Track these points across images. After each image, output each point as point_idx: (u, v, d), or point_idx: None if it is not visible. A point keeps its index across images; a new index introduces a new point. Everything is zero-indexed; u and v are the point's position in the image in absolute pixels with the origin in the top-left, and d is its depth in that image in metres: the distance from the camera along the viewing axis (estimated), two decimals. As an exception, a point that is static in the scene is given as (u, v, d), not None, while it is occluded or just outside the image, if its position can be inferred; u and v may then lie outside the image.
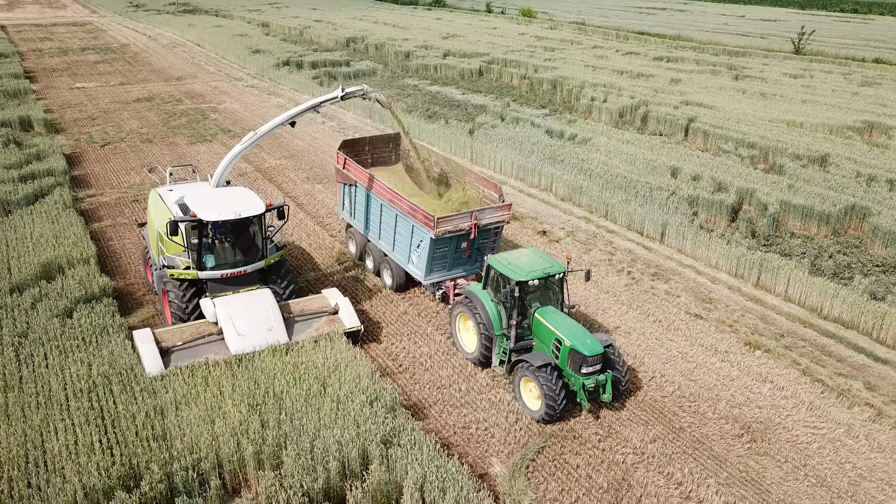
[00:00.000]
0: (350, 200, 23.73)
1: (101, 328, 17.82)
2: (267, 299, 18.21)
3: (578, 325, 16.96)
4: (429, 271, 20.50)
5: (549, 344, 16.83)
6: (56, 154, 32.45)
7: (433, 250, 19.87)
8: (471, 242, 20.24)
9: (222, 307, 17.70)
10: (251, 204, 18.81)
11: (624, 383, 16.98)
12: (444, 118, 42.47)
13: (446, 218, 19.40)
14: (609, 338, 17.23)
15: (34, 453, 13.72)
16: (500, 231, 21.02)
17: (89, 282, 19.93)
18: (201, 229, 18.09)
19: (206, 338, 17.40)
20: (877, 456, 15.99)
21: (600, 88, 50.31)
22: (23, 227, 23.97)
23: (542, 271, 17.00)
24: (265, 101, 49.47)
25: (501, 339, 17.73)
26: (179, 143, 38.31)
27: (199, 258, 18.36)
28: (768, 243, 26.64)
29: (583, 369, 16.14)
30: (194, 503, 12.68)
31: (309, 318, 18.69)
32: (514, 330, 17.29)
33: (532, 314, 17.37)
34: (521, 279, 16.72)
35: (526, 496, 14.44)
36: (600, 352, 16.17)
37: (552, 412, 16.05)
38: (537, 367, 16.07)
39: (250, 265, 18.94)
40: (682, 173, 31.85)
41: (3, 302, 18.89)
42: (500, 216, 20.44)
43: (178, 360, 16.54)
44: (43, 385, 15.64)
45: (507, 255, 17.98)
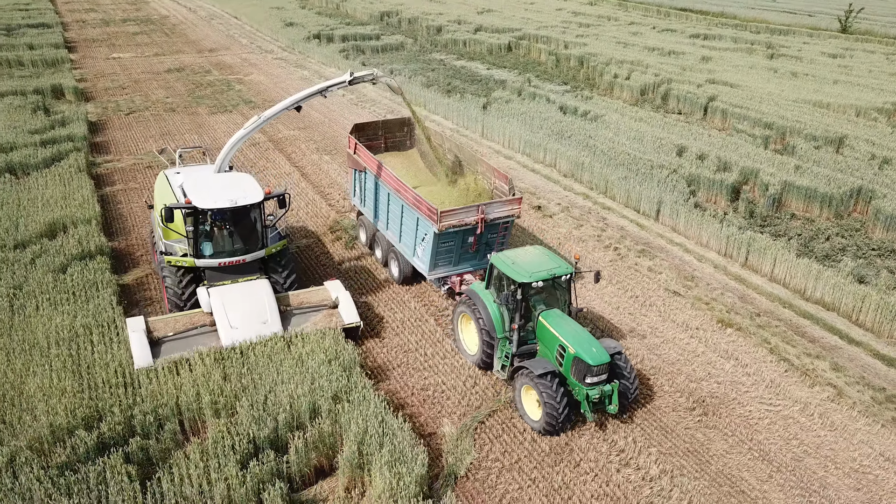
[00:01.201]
0: (360, 187, 22.96)
1: (92, 283, 18.96)
2: (264, 290, 17.66)
3: (585, 331, 15.84)
4: (433, 266, 19.61)
5: (553, 350, 15.79)
6: (79, 121, 33.90)
7: (437, 245, 18.92)
8: (478, 237, 19.29)
9: (217, 297, 17.21)
10: (249, 191, 18.17)
11: (632, 394, 15.85)
12: (462, 92, 42.70)
13: (451, 212, 18.40)
14: (617, 345, 16.09)
15: (11, 393, 14.90)
16: (509, 226, 19.89)
17: (87, 241, 21.11)
18: (197, 216, 17.56)
19: (199, 329, 16.97)
20: (827, 434, 16.11)
21: (626, 66, 49.78)
22: (36, 188, 25.35)
23: (548, 272, 15.92)
24: (291, 73, 50.38)
25: (504, 343, 16.76)
26: (201, 112, 39.50)
27: (196, 246, 17.86)
28: (765, 224, 26.43)
29: (587, 379, 15.15)
30: (148, 444, 13.65)
31: (307, 311, 18.09)
32: (517, 334, 16.31)
33: (536, 317, 16.32)
34: (524, 280, 15.68)
35: (469, 455, 15.07)
36: (606, 361, 15.14)
37: (553, 423, 15.09)
38: (538, 375, 15.08)
39: (249, 254, 18.33)
40: (689, 152, 31.61)
41: (6, 256, 20.19)
42: (509, 210, 19.31)
43: (169, 351, 16.23)
44: (30, 333, 16.84)
45: (512, 254, 16.90)
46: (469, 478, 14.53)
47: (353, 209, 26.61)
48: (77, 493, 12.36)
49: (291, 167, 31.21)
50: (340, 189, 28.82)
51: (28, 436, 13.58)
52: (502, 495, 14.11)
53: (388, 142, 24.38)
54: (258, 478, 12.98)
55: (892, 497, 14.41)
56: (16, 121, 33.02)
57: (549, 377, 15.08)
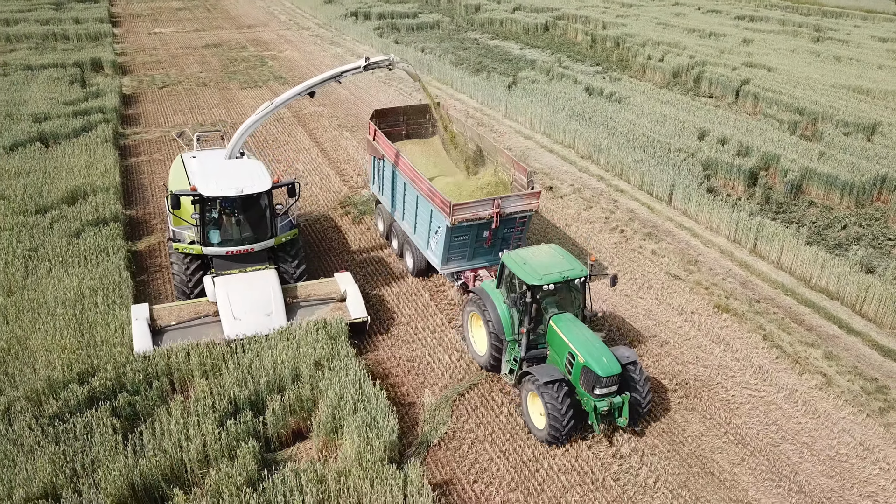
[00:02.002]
0: (379, 175, 22.30)
1: (103, 249, 19.87)
2: (270, 281, 17.32)
3: (596, 339, 15.00)
4: (445, 260, 18.93)
5: (563, 357, 15.01)
6: (111, 94, 35.09)
7: (450, 238, 18.21)
8: (493, 232, 18.51)
9: (222, 287, 16.92)
10: (257, 180, 17.83)
11: (644, 406, 15.03)
12: (490, 72, 42.63)
13: (464, 205, 17.70)
14: (632, 354, 15.22)
15: (16, 348, 15.85)
16: (527, 221, 19.00)
17: (103, 208, 22.07)
18: (203, 204, 17.33)
19: (203, 318, 16.72)
20: (809, 421, 16.01)
21: (662, 47, 48.97)
22: (63, 156, 26.48)
23: (560, 275, 15.12)
24: (325, 50, 50.98)
25: (513, 346, 16.09)
26: (231, 88, 40.40)
27: (204, 233, 17.57)
28: (780, 210, 25.97)
29: (595, 390, 14.40)
30: (135, 400, 14.41)
31: (314, 304, 17.69)
32: (526, 337, 15.48)
33: (547, 321, 15.55)
34: (534, 283, 14.93)
35: (444, 425, 15.49)
36: (617, 372, 14.37)
37: (556, 433, 14.41)
38: (544, 383, 14.36)
39: (258, 243, 17.96)
40: (710, 136, 31.12)
41: (26, 221, 21.25)
42: (526, 205, 18.46)
43: (171, 340, 16.01)
44: (40, 293, 17.81)
45: (524, 253, 16.09)
46: (441, 446, 14.95)
47: (365, 186, 27.08)
48: (63, 442, 13.18)
49: (311, 142, 31.81)
50: (356, 165, 29.28)
51: (26, 387, 14.48)
52: (471, 465, 14.49)
53: (409, 128, 23.67)
54: (234, 436, 13.62)
55: (864, 485, 14.32)
56: (53, 92, 34.39)
57: (555, 386, 14.36)
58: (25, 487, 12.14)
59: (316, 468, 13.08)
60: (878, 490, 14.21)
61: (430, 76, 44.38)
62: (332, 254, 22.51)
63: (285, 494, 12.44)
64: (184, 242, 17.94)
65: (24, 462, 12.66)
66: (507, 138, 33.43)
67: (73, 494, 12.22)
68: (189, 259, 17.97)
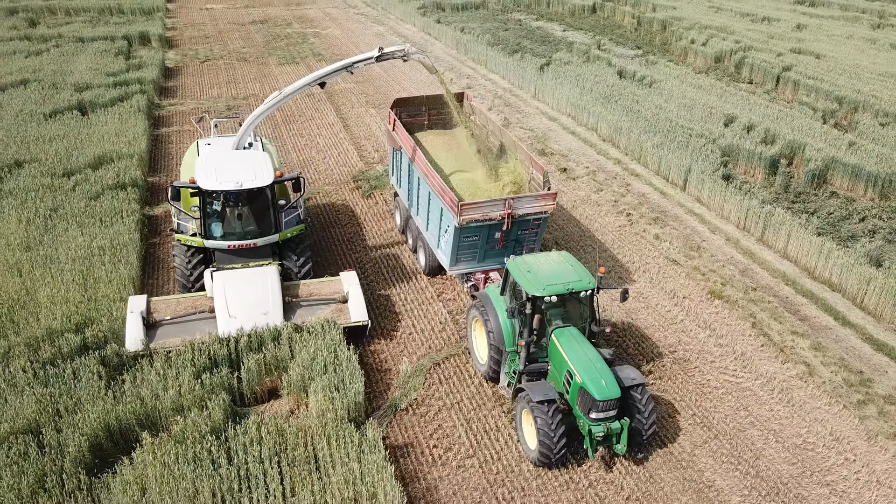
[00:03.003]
0: (397, 167, 21.58)
1: (118, 211, 21.03)
2: (270, 279, 16.79)
3: (598, 358, 13.90)
4: (454, 261, 18.04)
5: (562, 375, 14.09)
6: (153, 66, 36.54)
7: (459, 239, 17.32)
8: (505, 234, 17.53)
9: (220, 282, 16.49)
10: (259, 174, 17.20)
11: (646, 434, 13.88)
12: (526, 53, 42.49)
13: (473, 205, 16.81)
14: (638, 376, 14.13)
15: (25, 299, 17.09)
16: (542, 223, 17.88)
17: (125, 174, 23.27)
18: (203, 196, 16.93)
19: (198, 314, 16.34)
20: (781, 409, 15.93)
21: (708, 31, 47.86)
22: (97, 124, 27.88)
23: (564, 286, 14.14)
24: (367, 28, 51.61)
25: (513, 357, 15.22)
26: (270, 63, 41.46)
27: (205, 226, 17.14)
28: (797, 200, 25.40)
29: (592, 413, 13.44)
30: (121, 350, 15.41)
31: (315, 303, 17.07)
32: (525, 350, 14.49)
33: (550, 334, 14.59)
34: (536, 293, 13.98)
35: (416, 391, 16.04)
36: (615, 396, 13.33)
37: (547, 456, 13.58)
38: (537, 402, 13.49)
39: (261, 238, 17.43)
40: (737, 122, 30.48)
41: (52, 183, 22.60)
42: (541, 206, 17.40)
43: (165, 336, 15.78)
44: (53, 249, 19.03)
45: (531, 260, 15.14)
46: (409, 411, 15.51)
47: (379, 162, 27.66)
48: (52, 385, 14.26)
49: (337, 118, 32.53)
50: (375, 141, 29.86)
51: (26, 334, 15.67)
52: (435, 430, 15.01)
53: (432, 118, 22.49)
54: (208, 388, 14.46)
55: (825, 474, 14.24)
56: (98, 63, 36.04)
57: (548, 405, 13.46)
58: (11, 423, 13.23)
59: (277, 423, 13.81)
60: (838, 479, 14.13)
61: (466, 56, 44.58)
62: (338, 225, 23.22)
63: (244, 444, 13.20)
64: (186, 234, 17.57)
65: (14, 400, 13.78)
66: (532, 119, 33.47)
67: (53, 431, 13.26)
68: (191, 252, 17.60)
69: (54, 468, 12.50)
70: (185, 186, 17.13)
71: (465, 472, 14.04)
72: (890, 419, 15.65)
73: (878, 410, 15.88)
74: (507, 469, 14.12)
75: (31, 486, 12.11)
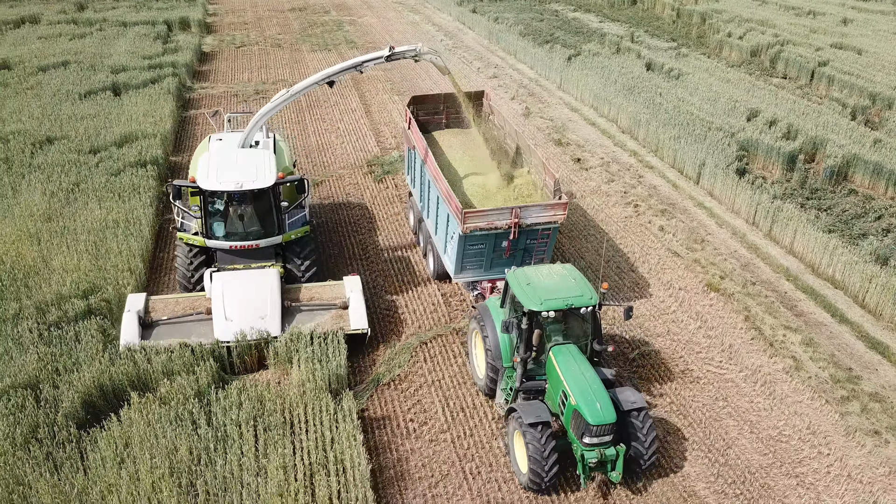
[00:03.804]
0: (411, 166, 21.10)
1: (136, 187, 22.05)
2: (270, 282, 16.45)
3: (596, 379, 13.17)
4: (459, 269, 17.42)
5: (557, 395, 13.42)
6: (187, 50, 37.76)
7: (464, 246, 16.76)
8: (513, 243, 16.86)
9: (219, 284, 16.23)
10: (261, 174, 16.85)
11: (646, 462, 13.22)
12: (556, 43, 42.42)
13: (477, 213, 16.30)
14: (639, 399, 13.39)
15: (40, 266, 18.15)
16: (553, 233, 17.13)
17: (146, 152, 24.32)
18: (203, 196, 16.66)
19: (196, 315, 16.17)
20: (761, 401, 15.95)
21: (746, 25, 47.00)
22: (128, 105, 29.10)
23: (564, 301, 13.47)
24: (402, 17, 52.14)
25: (510, 373, 14.53)
26: (303, 50, 42.35)
27: (206, 225, 16.90)
28: (811, 196, 25.01)
29: (585, 438, 12.71)
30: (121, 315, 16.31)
31: (315, 308, 16.69)
32: (522, 367, 13.75)
33: (548, 350, 13.92)
34: (533, 308, 13.35)
35: (400, 368, 16.57)
36: (610, 421, 12.56)
37: (537, 482, 12.94)
38: (528, 425, 12.81)
39: (264, 239, 17.19)
40: (761, 117, 30.05)
41: (79, 159, 23.79)
42: (550, 216, 16.63)
43: (160, 336, 15.63)
44: (72, 221, 20.11)
45: (532, 272, 14.50)
46: (391, 386, 16.05)
47: (395, 147, 28.18)
48: (54, 345, 15.25)
49: (360, 104, 33.20)
50: (395, 128, 30.38)
51: (37, 298, 16.70)
52: (413, 404, 15.53)
53: (449, 117, 21.93)
54: (198, 355, 15.22)
55: (795, 466, 14.27)
56: (136, 47, 37.45)
57: (540, 428, 12.78)
58: (13, 378, 14.22)
59: (259, 389, 14.49)
60: (808, 472, 14.15)
61: (497, 46, 44.75)
62: (348, 208, 23.84)
63: (225, 408, 13.92)
64: (189, 233, 17.32)
65: (18, 357, 14.79)
66: (553, 109, 33.56)
67: (51, 387, 14.21)
68: (193, 251, 17.32)
69: (47, 420, 13.43)
70: (186, 185, 16.94)
71: (437, 446, 14.51)
72: (872, 416, 15.54)
73: (862, 407, 15.77)
74: (478, 445, 14.54)
75: (24, 436, 13.03)
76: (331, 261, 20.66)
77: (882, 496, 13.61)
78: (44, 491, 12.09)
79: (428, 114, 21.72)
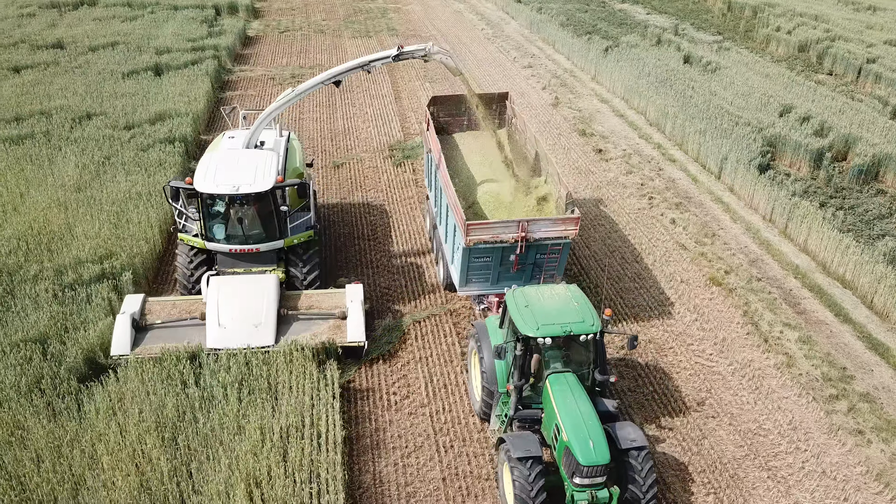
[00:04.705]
0: (429, 169, 20.33)
1: (162, 162, 23.13)
2: (267, 289, 15.97)
3: (592, 414, 12.12)
4: (464, 281, 16.74)
5: (551, 427, 12.50)
6: (231, 34, 38.95)
7: (469, 259, 16.07)
8: (521, 257, 16.03)
9: (215, 289, 15.86)
10: (259, 178, 16.27)
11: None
12: (594, 34, 42.12)
13: (481, 225, 15.63)
14: (639, 437, 12.28)
15: (64, 232, 19.29)
16: (564, 249, 16.16)
17: (176, 130, 25.43)
18: (200, 198, 16.18)
19: (191, 320, 15.79)
20: (746, 395, 15.91)
21: (798, 19, 45.72)
22: (166, 85, 30.34)
23: (562, 327, 12.56)
24: (447, 6, 52.44)
25: (505, 399, 13.53)
26: (344, 36, 43.15)
27: (205, 228, 16.54)
28: (836, 195, 24.44)
29: (576, 478, 11.76)
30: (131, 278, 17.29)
31: (313, 317, 16.25)
32: (516, 395, 12.91)
33: (545, 378, 12.96)
34: (527, 333, 12.50)
35: (390, 344, 17.10)
36: (603, 462, 11.61)
37: None
38: (517, 459, 11.92)
39: (264, 243, 16.77)
40: (794, 112, 29.39)
41: (113, 134, 25.06)
42: (561, 231, 15.75)
43: (153, 340, 15.32)
44: (98, 192, 21.25)
45: (532, 293, 13.57)
46: (380, 360, 16.60)
47: (418, 133, 28.65)
48: (66, 304, 16.33)
49: (391, 89, 33.76)
50: (421, 114, 30.74)
51: (57, 261, 17.84)
52: (399, 379, 16.06)
53: (472, 119, 20.98)
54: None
55: (769, 459, 14.25)
56: (182, 30, 38.82)
57: (529, 464, 11.83)
58: (24, 333, 15.33)
59: (247, 356, 15.20)
60: (781, 466, 14.12)
61: (537, 36, 44.69)
62: (364, 189, 24.45)
63: (213, 370, 14.71)
64: (189, 234, 16.95)
65: (32, 314, 15.91)
66: (583, 100, 33.48)
67: (59, 343, 15.26)
68: (194, 252, 16.99)
69: (51, 372, 14.44)
70: (182, 187, 16.46)
71: (416, 419, 15.01)
72: (859, 416, 15.34)
73: (849, 407, 15.57)
74: (455, 420, 14.98)
75: (28, 385, 14.08)
76: (339, 240, 21.33)
77: (854, 494, 13.51)
78: (39, 435, 13.08)
79: (449, 115, 21.10)
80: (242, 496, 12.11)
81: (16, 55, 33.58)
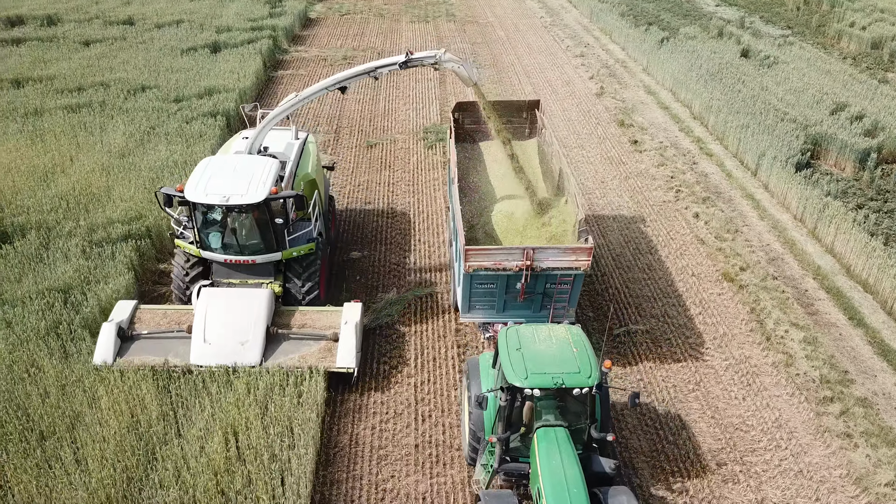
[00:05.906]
0: (448, 179, 19.48)
1: (202, 134, 24.37)
2: (258, 304, 15.27)
3: (578, 480, 10.66)
4: (467, 308, 15.75)
5: (534, 488, 11.14)
6: (290, 15, 40.21)
7: (471, 285, 15.14)
8: (529, 286, 15.02)
9: (204, 301, 15.27)
10: (252, 189, 15.33)
11: None
12: (652, 25, 41.33)
13: (481, 251, 14.62)
14: (631, 501, 10.95)
15: (101, 194, 20.70)
16: (576, 280, 14.98)
17: (221, 104, 26.67)
18: (192, 206, 15.46)
19: (177, 332, 15.16)
20: (734, 390, 15.75)
21: (876, 14, 43.58)
22: (221, 62, 31.72)
23: (553, 378, 11.10)
24: (507, -7, 52.41)
25: (492, 448, 12.14)
26: (402, 20, 43.84)
27: (199, 236, 15.86)
28: (877, 197, 23.47)
29: None
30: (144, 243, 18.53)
31: (304, 338, 15.41)
32: (500, 447, 11.62)
33: (535, 430, 11.56)
34: (515, 383, 11.15)
35: (389, 317, 17.69)
36: None
37: None
38: None
39: (260, 255, 16.05)
40: (847, 111, 28.26)
41: (162, 106, 26.51)
42: (571, 261, 14.61)
43: (137, 352, 14.88)
44: (139, 160, 22.64)
45: (528, 333, 12.10)
46: (376, 331, 17.21)
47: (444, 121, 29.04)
48: (92, 259, 17.65)
49: (434, 75, 34.16)
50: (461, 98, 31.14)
51: (90, 221, 19.21)
52: (390, 350, 16.65)
53: None
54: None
55: (747, 454, 14.12)
56: (245, 10, 40.34)
57: None
58: (50, 282, 16.68)
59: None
60: (757, 462, 13.99)
61: (595, 25, 44.23)
62: (392, 168, 25.09)
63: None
64: (186, 241, 16.30)
65: (61, 267, 17.27)
66: (629, 91, 33.09)
67: (80, 294, 16.54)
68: (190, 261, 16.41)
69: (68, 319, 15.70)
70: (172, 194, 15.54)
71: (400, 388, 15.57)
72: (851, 420, 14.96)
73: (842, 410, 15.20)
74: (437, 392, 15.46)
75: (46, 328, 15.37)
76: (359, 216, 22.04)
77: (827, 496, 13.29)
78: (50, 374, 14.32)
79: (475, 122, 20.11)
80: (219, 442, 12.97)
81: (88, 30, 35.79)
